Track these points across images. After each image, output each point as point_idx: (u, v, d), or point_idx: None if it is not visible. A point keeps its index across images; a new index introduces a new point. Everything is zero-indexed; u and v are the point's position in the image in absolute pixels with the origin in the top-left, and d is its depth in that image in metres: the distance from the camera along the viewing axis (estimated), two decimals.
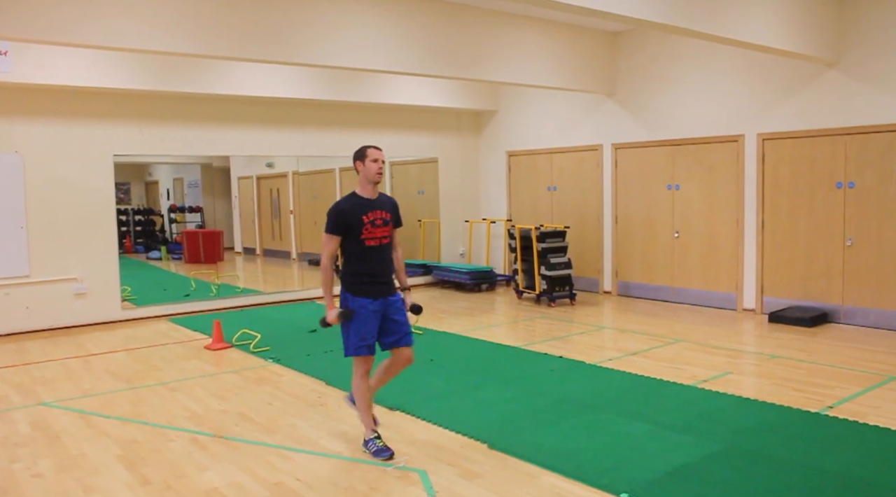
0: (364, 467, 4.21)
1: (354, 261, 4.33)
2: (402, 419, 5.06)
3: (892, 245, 7.61)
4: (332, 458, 4.37)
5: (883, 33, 7.53)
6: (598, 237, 10.55)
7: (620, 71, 10.07)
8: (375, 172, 4.40)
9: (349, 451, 4.48)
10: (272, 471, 4.19)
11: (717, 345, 7.19)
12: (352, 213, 4.29)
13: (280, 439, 4.72)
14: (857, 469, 4.02)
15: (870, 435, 4.58)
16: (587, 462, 4.18)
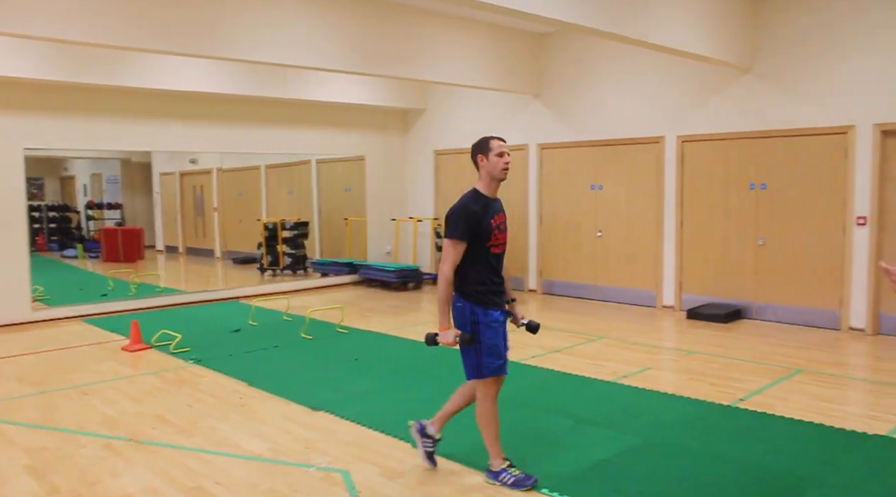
0: (285, 469, 4.15)
1: (480, 270, 3.76)
2: (325, 419, 5.01)
3: (800, 244, 7.96)
4: (252, 461, 4.30)
5: (793, 42, 7.85)
6: (523, 236, 10.67)
7: (546, 72, 10.22)
8: (502, 168, 3.81)
9: (270, 452, 4.41)
10: (190, 475, 4.09)
11: (637, 341, 7.38)
12: (483, 216, 3.75)
13: (199, 442, 4.61)
14: (764, 458, 4.19)
15: (777, 425, 4.77)
16: (509, 458, 4.21)
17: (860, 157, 7.47)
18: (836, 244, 7.70)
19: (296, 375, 6.17)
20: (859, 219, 7.49)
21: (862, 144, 7.45)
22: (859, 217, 7.49)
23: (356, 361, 6.61)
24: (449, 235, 3.72)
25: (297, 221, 12.11)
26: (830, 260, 7.75)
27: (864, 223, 7.47)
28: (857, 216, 7.51)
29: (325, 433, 4.72)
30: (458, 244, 3.70)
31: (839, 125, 7.58)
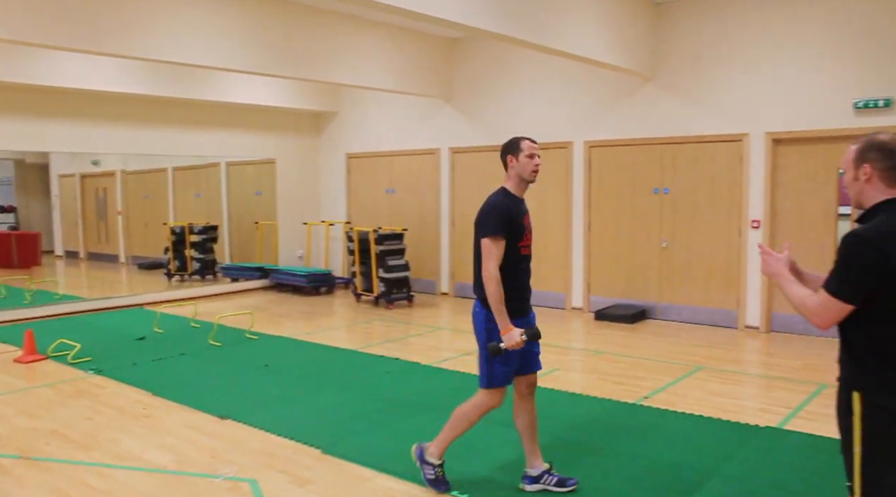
0: (191, 480, 4.04)
1: (507, 275, 3.63)
2: (233, 428, 4.91)
3: (700, 246, 8.30)
4: (156, 473, 4.16)
5: (691, 53, 8.19)
6: (435, 239, 10.73)
7: (458, 77, 10.31)
8: (532, 170, 3.71)
9: (175, 463, 4.29)
10: (88, 492, 3.93)
11: (546, 342, 7.50)
12: (515, 214, 3.65)
13: (99, 456, 4.43)
14: (666, 453, 4.34)
15: (678, 421, 4.96)
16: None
17: (754, 163, 7.85)
18: (733, 246, 8.07)
19: (203, 383, 6.02)
20: (753, 222, 7.87)
21: (755, 152, 7.83)
22: (753, 220, 7.87)
23: (266, 368, 6.50)
24: (486, 234, 3.60)
25: (205, 225, 11.81)
26: (728, 261, 8.12)
27: (757, 226, 7.85)
28: (752, 219, 7.89)
29: (232, 442, 4.62)
30: (499, 240, 3.58)
31: (735, 133, 7.95)
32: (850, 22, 7.23)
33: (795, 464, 4.20)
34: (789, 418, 5.02)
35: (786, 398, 5.51)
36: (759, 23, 7.74)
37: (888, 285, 2.25)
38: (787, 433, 4.71)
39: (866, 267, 2.25)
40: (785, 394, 5.63)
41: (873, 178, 2.35)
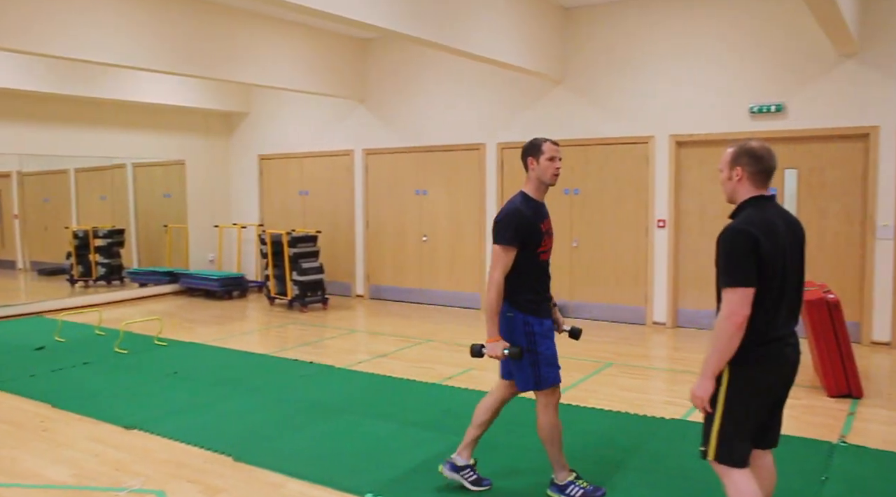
0: (94, 495, 3.89)
1: (531, 278, 3.61)
2: (139, 438, 4.75)
3: (609, 246, 8.53)
4: (56, 490, 3.99)
5: (598, 57, 8.41)
6: (350, 241, 10.67)
7: (371, 78, 10.28)
8: (552, 174, 3.62)
9: (75, 478, 4.12)
10: None
11: (462, 343, 7.58)
12: (533, 221, 3.59)
13: None
14: (576, 448, 4.43)
15: (589, 416, 5.09)
16: (334, 466, 4.21)
17: (659, 165, 8.13)
18: (640, 245, 8.33)
19: (107, 393, 5.80)
20: (659, 221, 8.15)
21: (660, 154, 8.11)
22: (659, 220, 8.15)
23: (175, 375, 6.32)
24: (499, 241, 3.55)
25: (111, 229, 11.38)
26: (636, 260, 8.38)
27: (663, 225, 8.14)
28: (658, 219, 8.17)
29: (138, 453, 4.48)
30: (509, 250, 3.54)
31: (641, 135, 8.21)
32: (747, 33, 7.58)
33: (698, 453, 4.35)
34: (693, 410, 5.21)
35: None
36: (663, 30, 8.02)
37: (760, 269, 2.60)
38: (691, 424, 4.89)
39: (747, 252, 2.60)
40: (690, 386, 5.83)
41: (744, 179, 2.76)
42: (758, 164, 2.73)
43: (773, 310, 2.66)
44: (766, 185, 2.77)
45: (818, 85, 7.31)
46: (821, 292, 5.51)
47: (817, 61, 7.30)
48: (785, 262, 2.67)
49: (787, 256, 2.68)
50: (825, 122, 7.29)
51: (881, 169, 7.08)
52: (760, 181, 2.74)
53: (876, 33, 7.01)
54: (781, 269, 2.65)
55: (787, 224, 2.74)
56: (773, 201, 2.78)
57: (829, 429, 4.81)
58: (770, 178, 2.77)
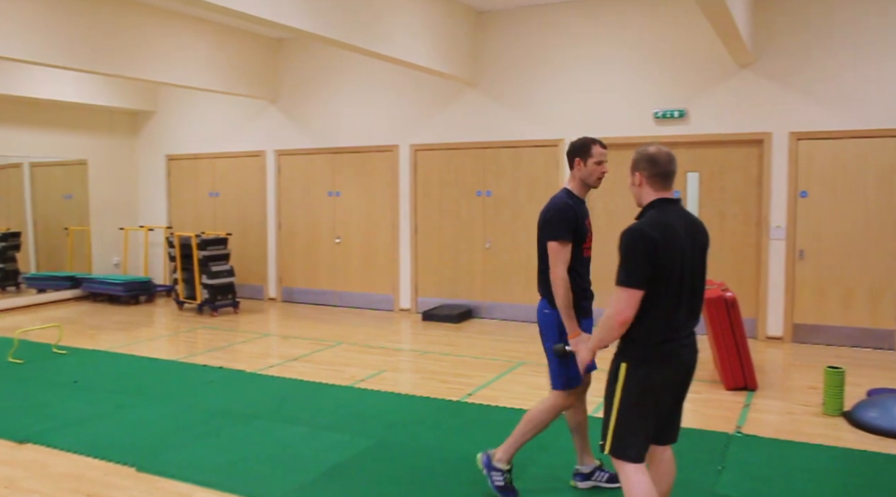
0: None
1: (572, 273, 3.55)
2: (34, 452, 4.54)
3: (521, 247, 8.68)
4: None
5: (511, 61, 8.55)
6: (262, 244, 10.49)
7: (283, 78, 10.14)
8: (597, 177, 3.60)
9: None
10: None
11: (374, 345, 7.57)
12: (579, 216, 3.54)
13: None
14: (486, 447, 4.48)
15: (499, 415, 5.16)
16: (242, 472, 4.13)
17: (568, 167, 8.30)
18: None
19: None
20: None
21: None
22: None
23: (75, 384, 6.07)
24: (555, 237, 3.50)
25: (5, 232, 10.83)
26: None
27: None
28: None
29: (32, 468, 4.28)
30: (566, 244, 3.50)
31: (552, 138, 8.38)
32: (653, 41, 7.85)
33: None
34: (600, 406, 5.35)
35: (599, 388, 5.86)
36: (573, 36, 8.22)
37: (656, 270, 2.67)
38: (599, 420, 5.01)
39: (642, 254, 2.67)
40: (599, 385, 5.98)
41: (644, 183, 2.84)
42: (654, 168, 2.80)
43: (670, 311, 2.73)
44: (667, 187, 2.82)
45: (718, 93, 7.64)
46: (719, 290, 5.76)
47: (717, 70, 7.62)
48: (683, 264, 2.72)
49: (686, 259, 2.73)
50: (724, 128, 7.62)
51: (774, 173, 7.46)
52: (659, 184, 2.81)
53: (768, 46, 7.38)
54: (679, 271, 2.71)
55: (688, 227, 2.79)
56: (675, 204, 2.83)
57: (726, 420, 5.03)
58: (668, 181, 2.82)
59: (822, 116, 7.25)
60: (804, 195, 7.39)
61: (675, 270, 2.69)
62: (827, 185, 7.32)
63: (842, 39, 7.13)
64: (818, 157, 7.31)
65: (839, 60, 7.16)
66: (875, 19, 7.00)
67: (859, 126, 7.10)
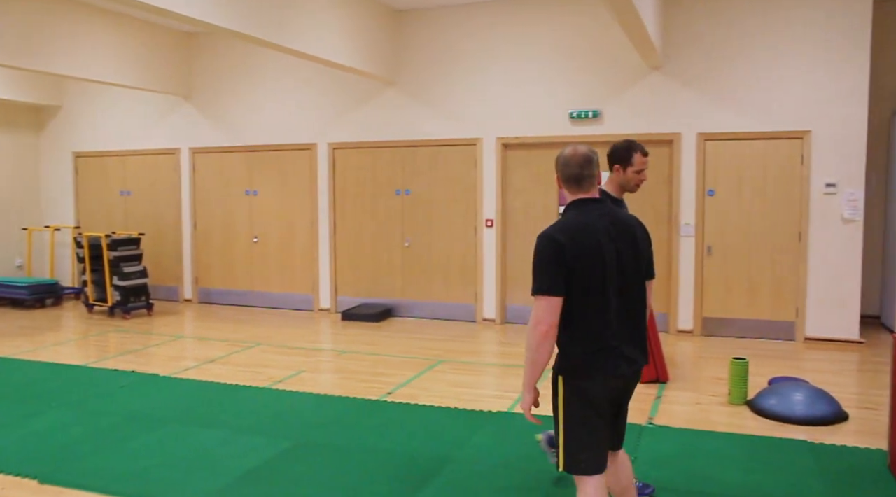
0: None
1: None
2: None
3: (440, 245, 8.73)
4: None
5: (429, 60, 8.58)
6: (176, 244, 10.21)
7: (197, 74, 9.89)
8: (636, 184, 3.61)
9: None
10: None
11: (293, 345, 7.48)
12: None
13: None
14: (407, 445, 4.52)
15: (419, 414, 5.18)
16: (156, 480, 4.02)
17: (486, 166, 8.41)
18: (470, 244, 8.58)
19: None
20: (487, 221, 8.44)
21: (488, 155, 8.40)
22: (487, 219, 8.44)
23: None
24: None
25: None
26: (465, 259, 8.62)
27: (491, 225, 8.43)
28: (486, 218, 8.45)
29: None
30: None
31: (470, 137, 8.46)
32: (568, 42, 8.02)
33: (521, 443, 4.57)
34: (518, 402, 5.45)
35: (516, 384, 5.97)
36: (489, 37, 8.31)
37: (570, 274, 2.57)
38: (516, 416, 5.11)
39: (552, 259, 2.57)
40: (515, 380, 6.10)
41: (562, 184, 2.75)
42: (565, 170, 2.71)
43: (598, 316, 2.60)
44: (584, 188, 2.70)
45: (630, 94, 7.86)
46: None
47: (629, 72, 7.84)
48: (604, 264, 2.58)
49: (608, 258, 2.60)
50: (636, 128, 7.85)
51: (683, 172, 7.73)
52: (575, 185, 2.70)
53: (678, 50, 7.64)
54: (599, 272, 2.58)
55: (614, 225, 2.67)
56: (597, 203, 2.70)
57: (639, 412, 5.18)
58: (582, 183, 2.69)
59: (727, 118, 7.56)
60: (711, 193, 7.69)
61: (593, 272, 2.57)
62: (732, 184, 7.64)
63: (745, 46, 7.45)
64: (724, 157, 7.61)
65: (743, 65, 7.47)
66: (776, 27, 7.34)
67: (761, 128, 7.43)
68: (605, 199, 2.78)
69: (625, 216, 2.76)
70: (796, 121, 7.35)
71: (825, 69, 7.23)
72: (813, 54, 7.26)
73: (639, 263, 2.71)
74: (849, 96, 7.18)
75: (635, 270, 2.70)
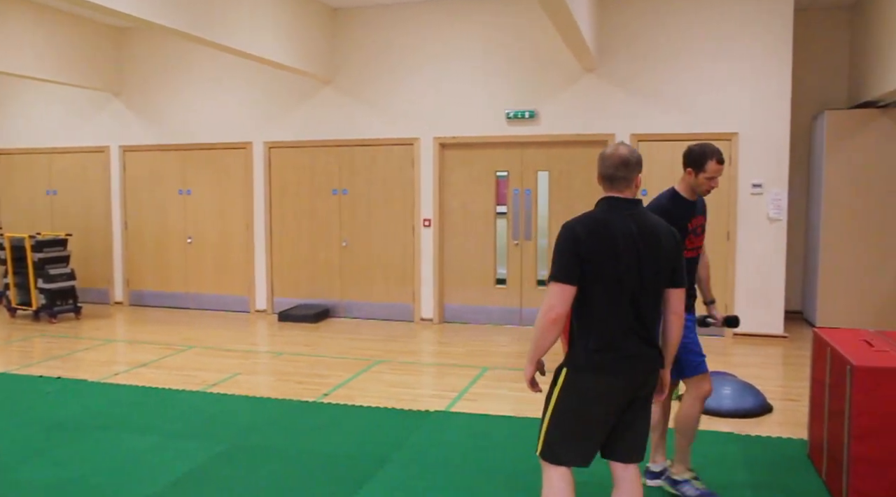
0: None
1: None
2: None
3: (378, 245, 8.70)
4: None
5: (366, 59, 8.54)
6: (106, 245, 9.92)
7: (128, 70, 9.62)
8: (706, 189, 3.59)
9: None
10: None
11: (228, 348, 7.36)
12: (678, 220, 3.43)
13: None
14: (344, 447, 4.50)
15: (356, 414, 5.16)
16: (83, 490, 3.90)
17: (424, 166, 8.42)
18: (408, 244, 8.58)
19: None
20: (425, 220, 8.45)
21: (425, 155, 8.41)
22: (425, 219, 8.45)
23: None
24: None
25: None
26: (403, 258, 8.62)
27: (429, 225, 8.44)
28: (424, 218, 8.46)
29: None
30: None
31: (407, 137, 8.46)
32: (505, 43, 8.09)
33: (458, 442, 4.59)
34: (456, 401, 5.48)
35: (454, 383, 6.00)
36: (428, 36, 8.32)
37: (584, 266, 2.58)
38: (454, 415, 5.13)
39: (567, 248, 2.60)
40: (453, 379, 6.13)
41: (599, 179, 2.77)
42: (602, 167, 2.73)
43: (608, 316, 2.61)
44: (617, 187, 2.70)
45: (566, 95, 7.97)
46: None
47: (565, 74, 7.96)
48: (618, 266, 2.59)
49: (625, 262, 2.59)
50: (572, 128, 7.97)
51: None
52: (608, 183, 2.71)
53: (611, 52, 7.79)
54: (613, 272, 2.58)
55: (643, 230, 2.65)
56: (628, 204, 2.70)
57: None
58: (616, 182, 2.70)
59: (659, 120, 7.74)
60: (644, 194, 7.85)
61: (606, 268, 2.58)
62: (664, 184, 7.76)
63: (676, 50, 7.64)
64: (656, 158, 7.79)
65: (674, 69, 7.66)
66: (704, 33, 7.55)
67: (691, 130, 7.63)
68: (640, 203, 2.76)
69: (653, 222, 2.71)
70: (724, 123, 7.57)
71: (751, 74, 7.48)
72: (739, 59, 7.49)
73: (659, 270, 2.67)
74: (773, 100, 7.44)
75: (654, 276, 2.66)
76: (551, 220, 8.20)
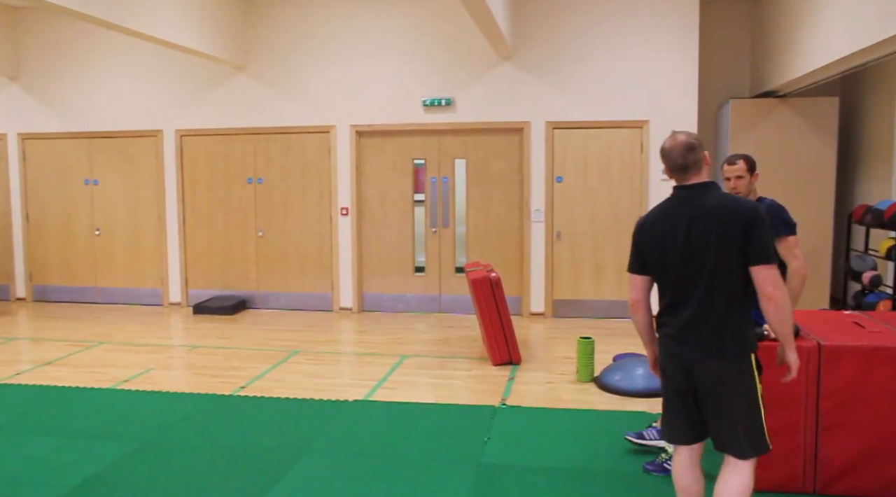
0: None
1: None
2: None
3: (295, 235, 8.57)
4: None
5: (281, 45, 8.37)
6: (6, 238, 9.44)
7: (25, 53, 9.14)
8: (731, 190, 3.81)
9: None
10: None
11: (140, 342, 7.13)
12: None
13: None
14: (262, 439, 4.42)
15: (274, 406, 5.08)
16: None
17: (341, 154, 8.33)
18: (325, 233, 8.48)
19: None
20: (343, 209, 8.37)
21: (342, 143, 8.32)
22: (343, 207, 8.37)
23: None
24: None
25: None
26: (321, 248, 8.52)
27: (346, 213, 8.37)
28: (341, 207, 8.38)
29: None
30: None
31: (323, 125, 8.34)
32: (422, 30, 8.05)
33: (377, 430, 4.58)
34: (375, 390, 5.46)
35: (373, 372, 5.98)
36: (342, 23, 8.21)
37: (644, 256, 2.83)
38: (372, 403, 5.11)
39: (633, 240, 2.91)
40: (372, 368, 6.10)
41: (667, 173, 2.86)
42: (668, 162, 2.78)
43: (664, 300, 2.82)
44: (679, 176, 2.77)
45: (482, 83, 8.01)
46: (485, 271, 6.07)
47: (481, 61, 7.99)
48: (665, 253, 2.72)
49: (670, 248, 2.70)
50: (488, 116, 8.01)
51: (533, 160, 7.98)
52: (680, 173, 2.77)
53: (526, 41, 7.87)
54: (660, 261, 2.75)
55: (704, 211, 2.66)
56: (688, 190, 2.75)
57: (493, 394, 5.33)
58: (687, 170, 2.74)
59: (573, 108, 7.87)
60: (560, 180, 7.99)
61: (656, 259, 2.78)
62: (579, 171, 7.97)
63: (589, 39, 7.78)
64: (571, 146, 7.93)
65: (587, 57, 7.80)
66: (616, 22, 7.71)
67: (604, 117, 7.80)
68: (704, 186, 2.74)
69: (717, 201, 2.67)
70: (636, 111, 7.76)
71: (659, 63, 7.68)
72: (649, 50, 7.68)
73: (725, 248, 2.61)
74: (682, 89, 7.67)
75: (719, 254, 2.62)
76: (469, 208, 8.25)
